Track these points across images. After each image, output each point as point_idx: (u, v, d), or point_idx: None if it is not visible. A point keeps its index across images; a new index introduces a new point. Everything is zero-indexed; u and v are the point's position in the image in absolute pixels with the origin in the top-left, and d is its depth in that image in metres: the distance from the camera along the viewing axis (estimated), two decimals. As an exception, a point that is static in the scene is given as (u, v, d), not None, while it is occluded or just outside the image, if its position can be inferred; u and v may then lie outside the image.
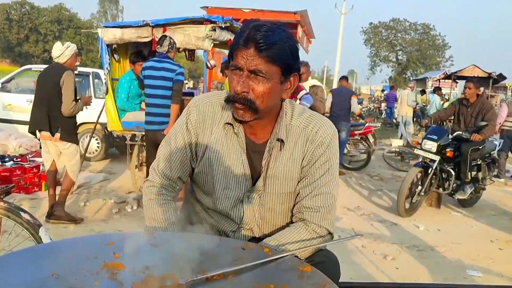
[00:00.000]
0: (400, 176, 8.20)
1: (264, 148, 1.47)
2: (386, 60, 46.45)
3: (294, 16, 10.15)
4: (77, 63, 4.36)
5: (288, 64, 1.37)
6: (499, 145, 6.69)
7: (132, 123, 5.43)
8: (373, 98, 34.30)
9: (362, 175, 8.17)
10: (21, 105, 7.66)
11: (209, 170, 1.50)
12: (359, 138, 8.30)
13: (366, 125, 8.46)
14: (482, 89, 14.23)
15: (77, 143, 4.61)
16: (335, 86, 12.22)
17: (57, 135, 4.37)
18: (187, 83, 28.44)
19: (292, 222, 1.51)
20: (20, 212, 2.49)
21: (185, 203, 1.71)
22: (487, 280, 3.80)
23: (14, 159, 5.47)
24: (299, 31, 10.70)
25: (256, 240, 1.53)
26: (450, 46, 44.05)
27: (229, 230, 1.53)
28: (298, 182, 1.48)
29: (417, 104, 14.33)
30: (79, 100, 4.44)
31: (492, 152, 6.25)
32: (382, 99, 26.19)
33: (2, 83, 8.14)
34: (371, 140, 8.17)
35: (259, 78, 1.35)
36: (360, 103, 23.74)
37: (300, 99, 5.12)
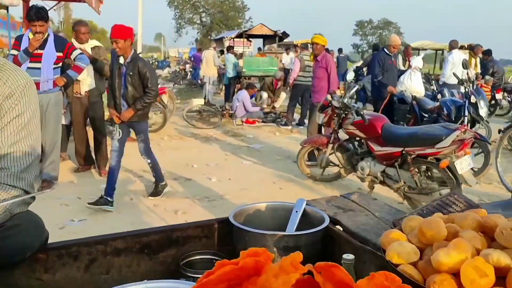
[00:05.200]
0: (199, 134, 8.43)
1: None
2: (191, 22, 46.79)
3: (76, -28, 9.32)
4: None
5: None
6: None
7: None
8: (181, 61, 34.31)
9: (162, 135, 8.13)
10: None
11: None
12: None
13: (159, 86, 8.34)
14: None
15: None
16: (139, 49, 11.75)
17: None
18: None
19: None
20: None
21: None
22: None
23: None
24: (85, -11, 9.89)
25: None
26: (249, 8, 46.59)
27: None
28: None
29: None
30: None
31: None
32: (188, 61, 26.36)
33: None
34: (166, 101, 8.13)
35: None
36: (167, 66, 23.65)
37: (74, 60, 4.72)
